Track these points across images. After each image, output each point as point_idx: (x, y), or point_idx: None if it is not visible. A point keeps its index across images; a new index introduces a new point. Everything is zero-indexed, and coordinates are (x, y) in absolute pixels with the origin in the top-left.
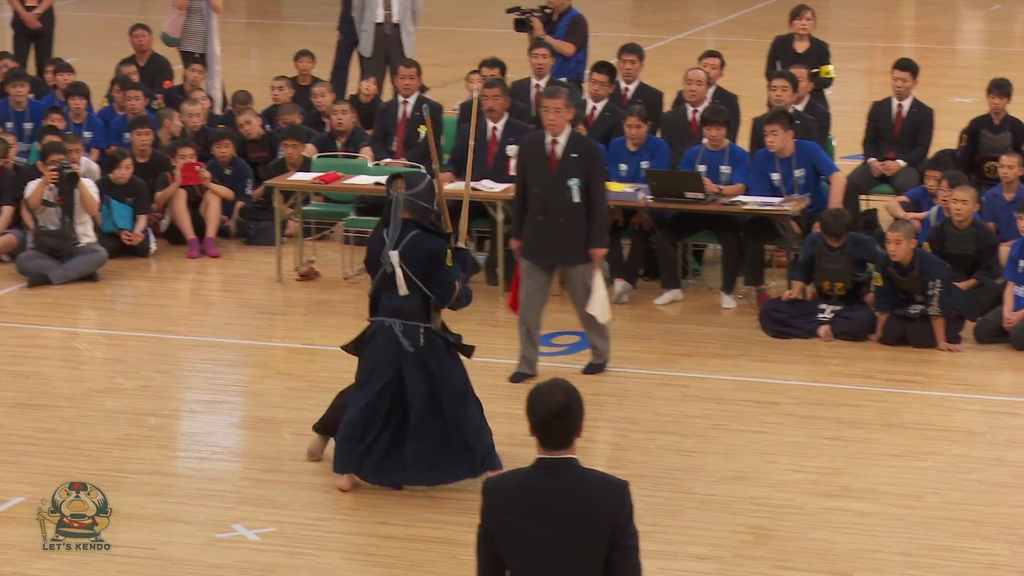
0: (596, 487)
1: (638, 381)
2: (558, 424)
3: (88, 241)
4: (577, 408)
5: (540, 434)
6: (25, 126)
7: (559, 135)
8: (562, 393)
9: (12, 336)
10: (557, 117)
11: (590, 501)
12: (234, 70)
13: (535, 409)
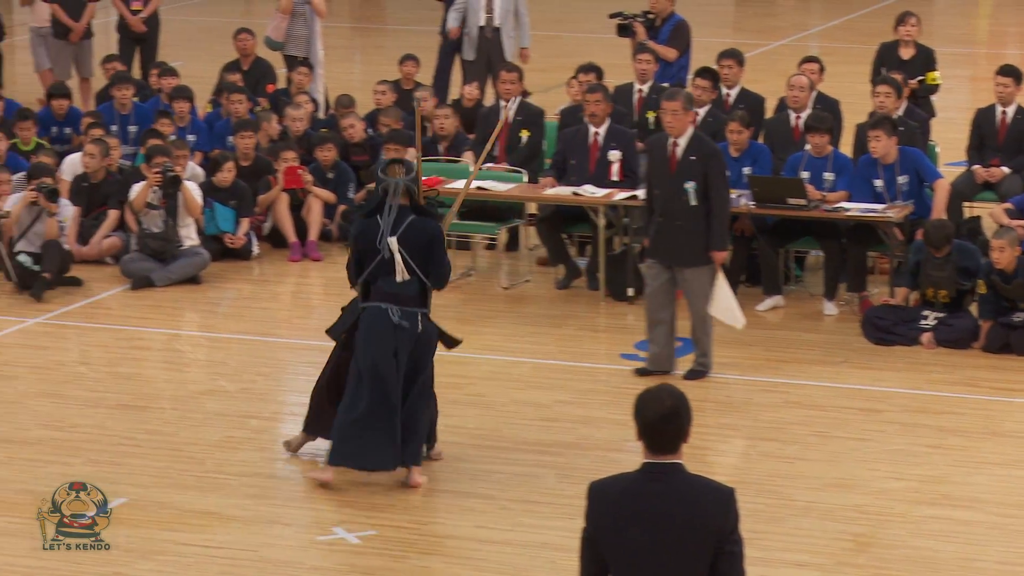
0: (703, 493)
1: (739, 387)
2: (666, 429)
3: (191, 244)
4: (685, 413)
5: (648, 438)
6: (129, 129)
7: (679, 137)
8: (671, 398)
9: (115, 338)
10: (674, 119)
11: (696, 507)
12: (337, 74)
13: (643, 413)
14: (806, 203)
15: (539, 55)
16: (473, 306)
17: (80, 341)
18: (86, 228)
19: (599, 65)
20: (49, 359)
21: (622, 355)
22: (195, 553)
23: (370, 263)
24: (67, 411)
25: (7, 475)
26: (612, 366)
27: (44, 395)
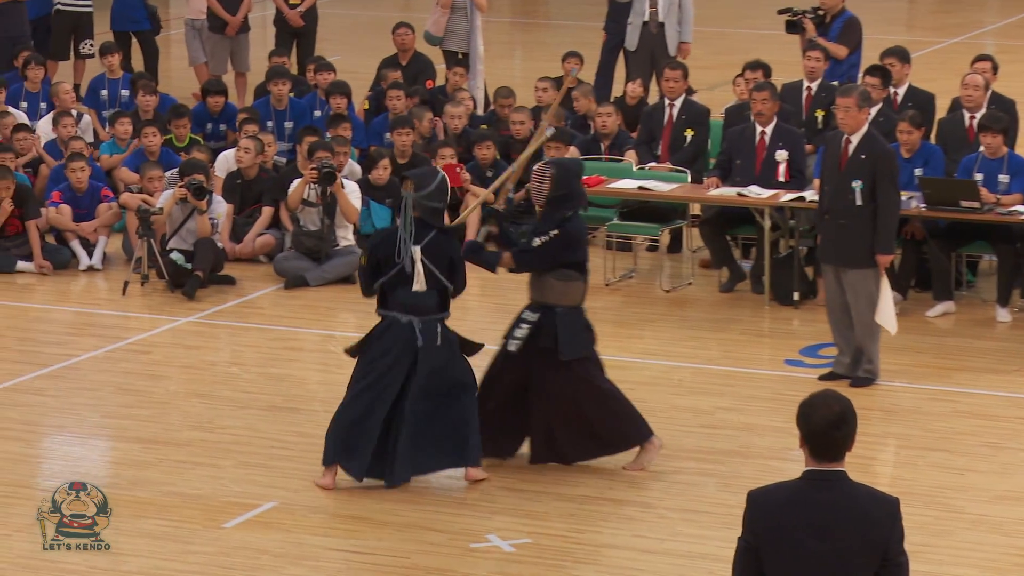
0: (869, 503)
1: (908, 396)
2: (834, 435)
3: (347, 243)
4: (852, 420)
5: (814, 445)
6: (286, 125)
7: (852, 135)
8: (838, 403)
9: (267, 338)
10: (846, 116)
11: (863, 517)
12: (497, 70)
13: (810, 419)
14: (980, 206)
15: (705, 52)
16: (633, 309)
17: (232, 341)
18: (239, 226)
19: (766, 62)
20: (200, 359)
21: (786, 361)
22: (345, 559)
23: (388, 272)
24: (217, 412)
25: (157, 477)
26: (776, 372)
27: (194, 395)
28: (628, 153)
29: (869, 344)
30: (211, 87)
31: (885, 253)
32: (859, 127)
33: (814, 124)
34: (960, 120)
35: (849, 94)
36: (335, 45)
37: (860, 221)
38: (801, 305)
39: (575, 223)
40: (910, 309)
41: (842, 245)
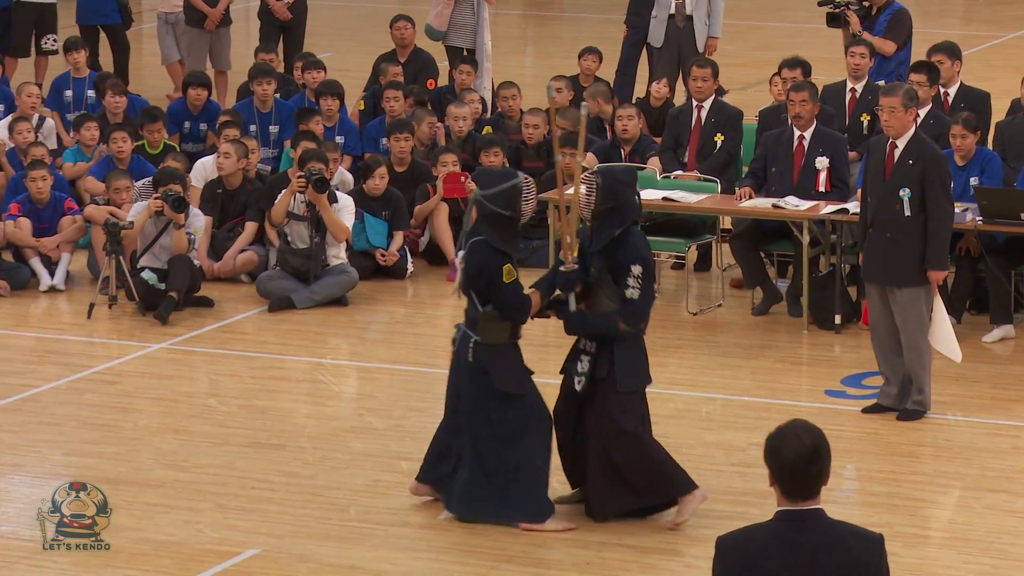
0: (851, 541)
1: (962, 430)
2: (807, 471)
3: (338, 261)
4: (826, 452)
5: (785, 484)
6: (271, 129)
7: (898, 138)
8: (810, 436)
9: (250, 366)
10: (892, 118)
11: (847, 558)
12: (507, 68)
13: (780, 456)
14: None
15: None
16: (657, 333)
17: (210, 370)
18: (219, 241)
19: (806, 59)
20: (175, 390)
21: (828, 392)
22: None
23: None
24: (193, 449)
25: (126, 521)
26: (816, 404)
27: (168, 431)
28: (651, 160)
29: (919, 372)
30: (194, 79)
31: (938, 269)
32: (905, 130)
33: (859, 128)
34: (1021, 124)
35: (894, 93)
36: (326, 40)
37: (909, 234)
38: (843, 329)
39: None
40: (965, 334)
41: (889, 261)
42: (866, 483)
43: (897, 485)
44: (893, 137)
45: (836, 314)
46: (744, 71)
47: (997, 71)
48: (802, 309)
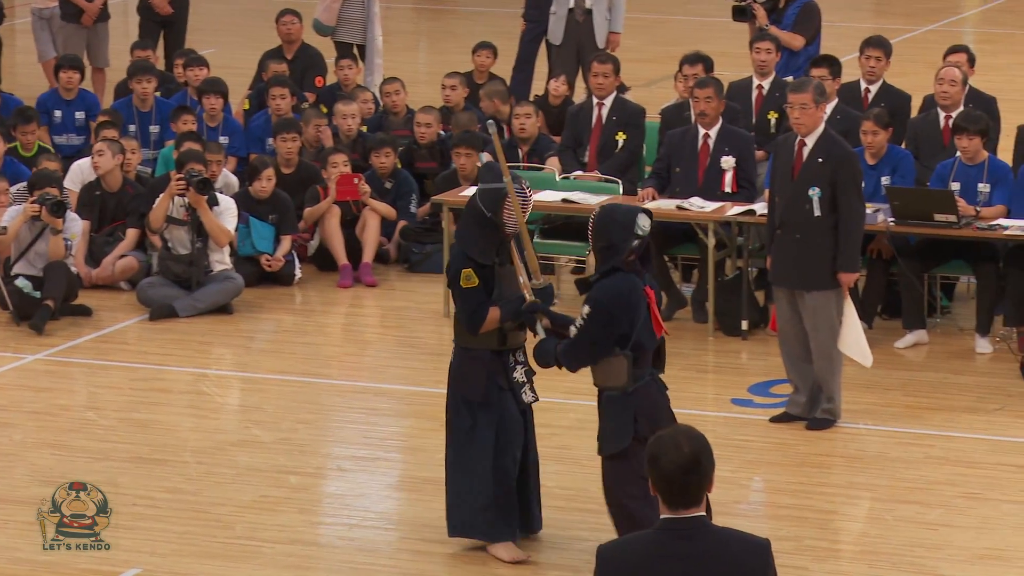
0: (737, 548)
1: (874, 440)
2: (687, 480)
3: (222, 267)
4: (708, 460)
5: (666, 492)
6: (151, 129)
7: (808, 136)
8: (689, 443)
9: (131, 378)
10: (803, 115)
11: (733, 564)
12: (398, 64)
13: (659, 464)
14: (956, 220)
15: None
16: None
17: (88, 382)
18: (97, 247)
19: (707, 55)
20: (51, 403)
21: (734, 400)
22: None
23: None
24: (72, 465)
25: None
26: (722, 413)
27: (45, 445)
28: (550, 160)
29: (829, 380)
30: (65, 61)
31: (849, 271)
32: (816, 126)
33: (766, 127)
34: (934, 120)
35: (804, 89)
36: (209, 36)
37: (819, 236)
38: (751, 336)
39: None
40: (877, 339)
41: (798, 264)
42: (774, 495)
43: (806, 497)
44: (803, 135)
45: (743, 320)
46: (648, 67)
47: (910, 66)
48: (708, 315)
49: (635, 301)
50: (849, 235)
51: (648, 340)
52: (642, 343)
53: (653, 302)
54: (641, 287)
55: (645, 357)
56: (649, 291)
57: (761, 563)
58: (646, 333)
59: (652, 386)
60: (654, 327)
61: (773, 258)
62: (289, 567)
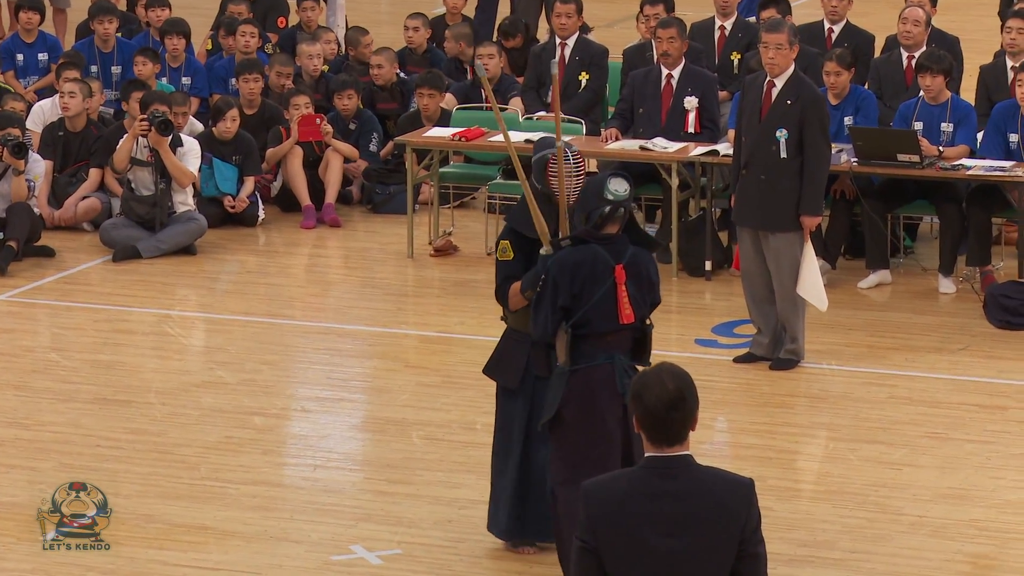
0: (720, 487)
1: (837, 380)
2: (672, 417)
3: (185, 208)
4: (692, 397)
5: (650, 429)
6: (113, 70)
7: (777, 77)
8: (673, 380)
9: (95, 319)
10: (777, 55)
11: (716, 504)
12: (362, 5)
13: (644, 401)
14: (919, 160)
15: None
16: None
17: (52, 323)
18: (60, 187)
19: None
20: (15, 344)
21: (698, 341)
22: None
23: None
24: (35, 406)
25: None
26: (686, 354)
27: (8, 387)
28: (513, 101)
29: (793, 320)
30: (25, 2)
31: (812, 214)
32: (788, 67)
33: (729, 67)
34: (897, 60)
35: (779, 30)
36: None
37: (784, 177)
38: (714, 276)
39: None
40: (840, 280)
41: (763, 205)
42: (738, 435)
43: (770, 437)
44: (774, 75)
45: (707, 260)
46: (610, 7)
47: (873, 6)
48: (671, 255)
49: (585, 275)
50: (814, 178)
51: (601, 322)
52: (590, 322)
53: (621, 283)
54: (605, 262)
55: (599, 340)
56: (620, 270)
57: (744, 502)
58: (599, 314)
59: (598, 373)
60: (619, 311)
61: (737, 198)
62: (254, 508)
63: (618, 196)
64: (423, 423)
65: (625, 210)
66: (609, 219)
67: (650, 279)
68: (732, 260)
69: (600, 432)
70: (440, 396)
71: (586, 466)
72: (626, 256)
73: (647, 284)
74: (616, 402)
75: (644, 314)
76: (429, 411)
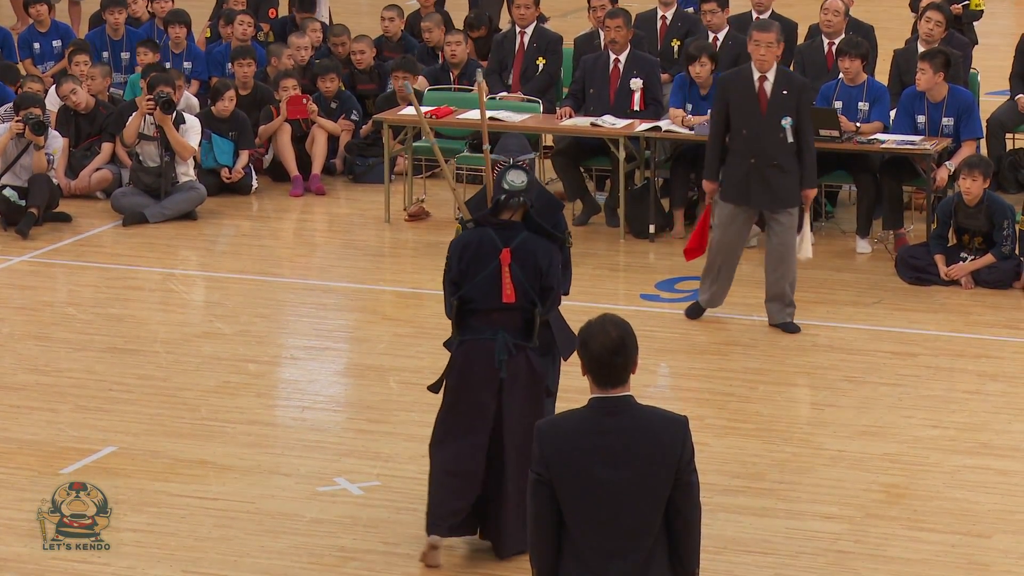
0: (658, 424)
1: (766, 330)
2: (614, 362)
3: (187, 178)
4: (632, 343)
5: (595, 373)
6: (122, 56)
7: (768, 71)
8: (616, 329)
9: (106, 277)
10: (768, 52)
11: (653, 439)
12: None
13: (589, 347)
14: (839, 135)
15: None
16: None
17: (68, 280)
18: (75, 160)
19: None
20: (35, 299)
21: (642, 295)
22: (189, 505)
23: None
24: (54, 354)
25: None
26: (632, 307)
27: (30, 337)
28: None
29: (790, 288)
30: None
31: (813, 187)
32: (774, 63)
33: (670, 52)
34: (819, 47)
35: (769, 29)
36: None
37: (791, 159)
38: (657, 238)
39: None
40: None
41: (774, 187)
42: (678, 379)
43: (707, 381)
44: (764, 71)
45: (650, 224)
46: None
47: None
48: (619, 220)
49: (472, 254)
50: (811, 155)
51: (482, 299)
52: (475, 299)
53: (506, 264)
54: (492, 244)
55: (486, 317)
56: (506, 253)
57: (680, 437)
58: (483, 292)
59: (479, 347)
60: (502, 290)
61: (742, 183)
62: (248, 444)
63: (513, 186)
64: (399, 369)
65: (522, 199)
66: (504, 206)
67: (537, 265)
68: (673, 224)
69: (472, 402)
70: (414, 345)
71: (456, 432)
72: (515, 241)
73: (533, 269)
74: (492, 376)
75: (532, 297)
76: (404, 358)
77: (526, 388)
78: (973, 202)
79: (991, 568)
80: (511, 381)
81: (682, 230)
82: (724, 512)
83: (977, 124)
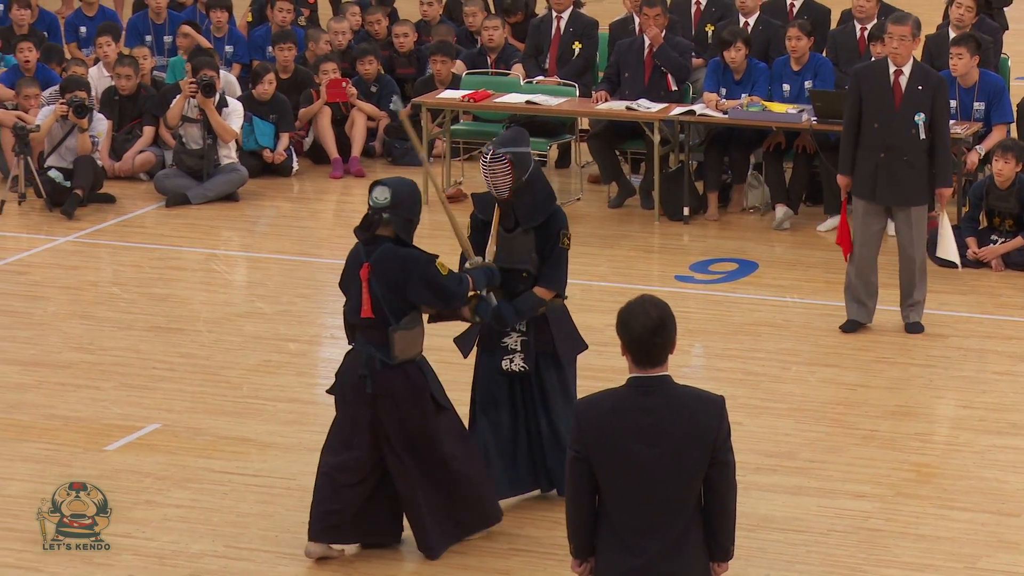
0: (696, 404)
1: (799, 311)
2: (654, 342)
3: (228, 160)
4: (671, 324)
5: (635, 353)
6: (164, 39)
7: (903, 65)
8: (656, 309)
9: (149, 257)
10: (902, 46)
11: (690, 418)
12: None
13: (630, 327)
14: None
15: None
16: None
17: (112, 260)
18: (118, 143)
19: None
20: (80, 279)
21: (677, 277)
22: (231, 481)
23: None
24: (98, 333)
25: (37, 399)
26: (667, 288)
27: (75, 316)
28: (515, 67)
29: (922, 285)
30: None
31: (949, 186)
32: (910, 58)
33: (704, 37)
34: (851, 32)
35: (905, 22)
36: None
37: (922, 156)
38: (691, 220)
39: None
40: (801, 224)
41: (904, 183)
42: (712, 360)
43: (741, 361)
44: (899, 65)
45: (685, 207)
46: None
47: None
48: (654, 202)
49: (347, 268)
50: (946, 152)
51: (351, 313)
52: (347, 312)
53: (365, 279)
54: (357, 259)
55: (357, 330)
56: (365, 268)
57: (716, 417)
58: (351, 306)
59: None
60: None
61: (874, 179)
62: (289, 422)
63: (376, 203)
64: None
65: (385, 216)
66: (372, 222)
67: (395, 281)
68: (707, 207)
69: (348, 415)
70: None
71: (336, 439)
72: (373, 255)
73: (392, 285)
74: (360, 388)
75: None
76: (439, 338)
77: (404, 402)
78: (1005, 184)
79: (1020, 546)
80: (384, 396)
81: (716, 212)
82: (757, 490)
83: (1008, 108)
